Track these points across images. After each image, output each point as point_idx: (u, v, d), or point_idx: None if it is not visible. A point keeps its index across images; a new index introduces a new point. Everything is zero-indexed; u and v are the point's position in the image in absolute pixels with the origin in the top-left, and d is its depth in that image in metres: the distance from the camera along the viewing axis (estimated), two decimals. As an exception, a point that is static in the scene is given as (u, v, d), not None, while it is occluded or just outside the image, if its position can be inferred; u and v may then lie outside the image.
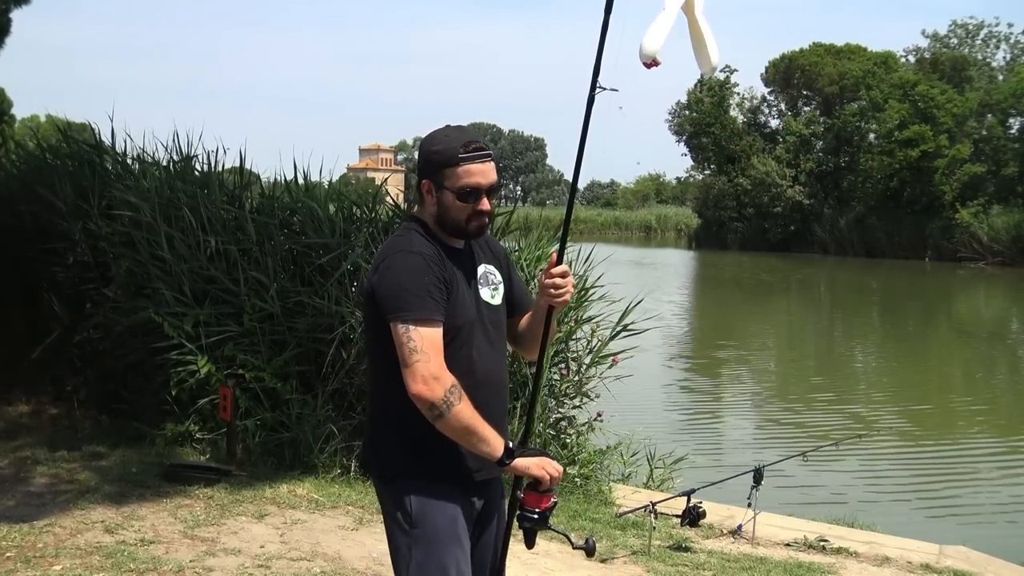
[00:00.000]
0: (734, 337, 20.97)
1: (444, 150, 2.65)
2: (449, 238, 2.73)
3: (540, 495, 2.72)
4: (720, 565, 5.49)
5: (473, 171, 2.64)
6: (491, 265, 2.84)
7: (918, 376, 16.66)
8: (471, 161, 2.64)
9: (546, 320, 2.83)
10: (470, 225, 2.69)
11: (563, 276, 2.76)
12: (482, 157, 2.65)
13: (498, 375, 2.79)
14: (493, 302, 2.80)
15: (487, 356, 2.73)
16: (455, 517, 2.69)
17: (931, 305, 29.90)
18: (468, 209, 2.66)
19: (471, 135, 2.69)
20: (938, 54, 53.28)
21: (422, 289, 2.58)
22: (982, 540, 6.90)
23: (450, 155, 2.64)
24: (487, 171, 2.67)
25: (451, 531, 2.67)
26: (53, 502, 5.70)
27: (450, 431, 2.58)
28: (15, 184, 8.78)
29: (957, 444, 11.60)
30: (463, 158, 2.63)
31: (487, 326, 2.75)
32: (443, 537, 2.66)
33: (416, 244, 2.68)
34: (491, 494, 2.85)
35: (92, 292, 7.77)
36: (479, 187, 2.65)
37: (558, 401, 7.09)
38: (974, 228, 45.11)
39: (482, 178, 2.65)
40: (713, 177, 58.81)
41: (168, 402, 6.97)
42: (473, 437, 2.58)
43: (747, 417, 12.84)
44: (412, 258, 2.63)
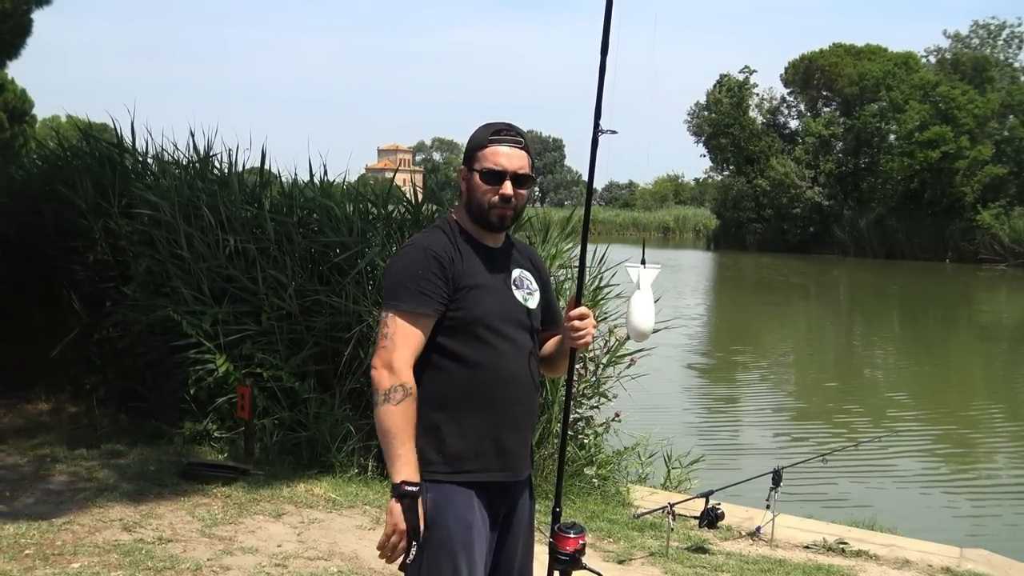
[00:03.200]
0: (752, 338, 20.89)
1: (479, 135, 2.71)
2: (482, 234, 2.73)
3: (566, 537, 2.74)
4: (738, 567, 5.45)
5: (499, 152, 2.66)
6: (527, 271, 2.82)
7: (938, 378, 16.54)
8: (499, 144, 2.66)
9: (570, 360, 2.85)
10: (492, 212, 2.67)
11: (581, 318, 2.73)
12: (511, 142, 2.67)
13: (526, 376, 2.73)
14: (529, 305, 2.77)
15: (514, 355, 2.69)
16: (470, 524, 2.62)
17: (951, 307, 29.70)
18: (491, 192, 2.66)
19: (509, 125, 2.71)
20: (959, 54, 52.96)
21: (412, 281, 2.59)
22: (1003, 543, 6.84)
23: (481, 138, 2.69)
24: (513, 156, 2.67)
25: (464, 538, 2.61)
26: (72, 500, 5.72)
27: (377, 424, 2.56)
28: (36, 183, 8.83)
29: (978, 446, 11.51)
30: (492, 140, 2.67)
31: (519, 326, 2.72)
32: (455, 544, 2.59)
33: (427, 238, 2.70)
34: (516, 497, 2.79)
35: (111, 290, 7.81)
36: (503, 169, 2.65)
37: (576, 402, 7.06)
38: (995, 230, 44.83)
39: (507, 161, 2.66)
40: (732, 178, 58.62)
41: (186, 401, 6.99)
42: (388, 445, 2.53)
43: (766, 418, 12.77)
44: (413, 251, 2.66)
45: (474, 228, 2.73)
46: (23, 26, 12.17)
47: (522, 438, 2.75)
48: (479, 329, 2.63)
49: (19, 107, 23.06)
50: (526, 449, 2.78)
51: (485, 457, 2.65)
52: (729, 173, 59.75)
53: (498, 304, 2.68)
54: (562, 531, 2.76)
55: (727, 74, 59.75)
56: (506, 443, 2.69)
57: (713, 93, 59.24)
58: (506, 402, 2.65)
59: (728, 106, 57.59)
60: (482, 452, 2.64)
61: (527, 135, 2.74)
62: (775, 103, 59.90)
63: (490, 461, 2.66)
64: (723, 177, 61.35)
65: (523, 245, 2.96)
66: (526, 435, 2.77)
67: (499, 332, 2.66)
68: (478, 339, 2.63)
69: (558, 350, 2.88)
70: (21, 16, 11.96)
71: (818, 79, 56.26)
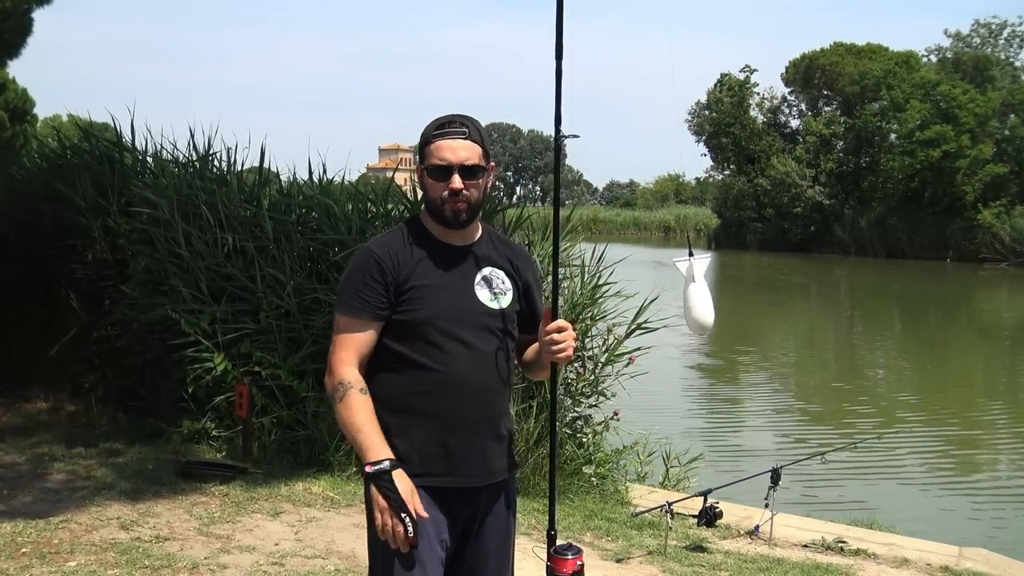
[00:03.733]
0: (753, 337, 20.88)
1: (425, 131, 2.67)
2: (446, 233, 2.69)
3: (563, 559, 2.68)
4: (737, 566, 5.44)
5: (443, 147, 2.62)
6: (499, 270, 2.74)
7: (939, 377, 16.53)
8: (441, 138, 2.62)
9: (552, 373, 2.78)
10: (445, 208, 2.63)
11: (560, 331, 2.63)
12: (455, 134, 2.62)
13: (483, 379, 2.64)
14: (492, 305, 2.68)
15: (469, 358, 2.61)
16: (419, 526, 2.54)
17: (952, 306, 29.68)
18: (441, 188, 2.62)
19: (453, 116, 2.67)
20: (960, 54, 52.89)
21: (353, 285, 2.62)
22: (1002, 542, 6.84)
23: (427, 134, 2.66)
24: (459, 148, 2.62)
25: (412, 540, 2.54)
26: (69, 498, 5.72)
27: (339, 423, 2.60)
28: (36, 182, 8.82)
29: (977, 445, 11.50)
30: (435, 135, 2.64)
31: (479, 328, 2.64)
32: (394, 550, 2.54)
33: (378, 241, 2.72)
34: (479, 505, 2.70)
35: (110, 289, 7.81)
36: (448, 164, 2.60)
37: (574, 400, 7.05)
38: (996, 229, 44.75)
39: (451, 154, 2.61)
40: (733, 177, 58.56)
41: (184, 399, 6.99)
42: (351, 439, 2.57)
43: (765, 417, 12.77)
44: (362, 255, 2.68)
45: (437, 227, 2.70)
46: (24, 25, 12.15)
47: (478, 444, 2.65)
48: (427, 331, 2.59)
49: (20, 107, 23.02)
50: (486, 455, 2.68)
51: (432, 462, 2.60)
52: (730, 172, 59.70)
53: (451, 305, 2.63)
54: (559, 553, 2.70)
55: (728, 73, 59.78)
56: (455, 448, 2.61)
57: (714, 92, 59.22)
58: (456, 406, 2.59)
59: (729, 105, 57.56)
60: (428, 457, 2.59)
61: (477, 124, 2.69)
62: (776, 102, 59.86)
63: (437, 466, 2.60)
64: (724, 176, 61.31)
65: (506, 244, 2.88)
66: (484, 441, 2.67)
67: (450, 334, 2.60)
68: (426, 341, 2.59)
69: (539, 357, 2.77)
70: (22, 15, 11.94)
71: (819, 78, 56.21)
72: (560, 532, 5.81)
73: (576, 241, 7.86)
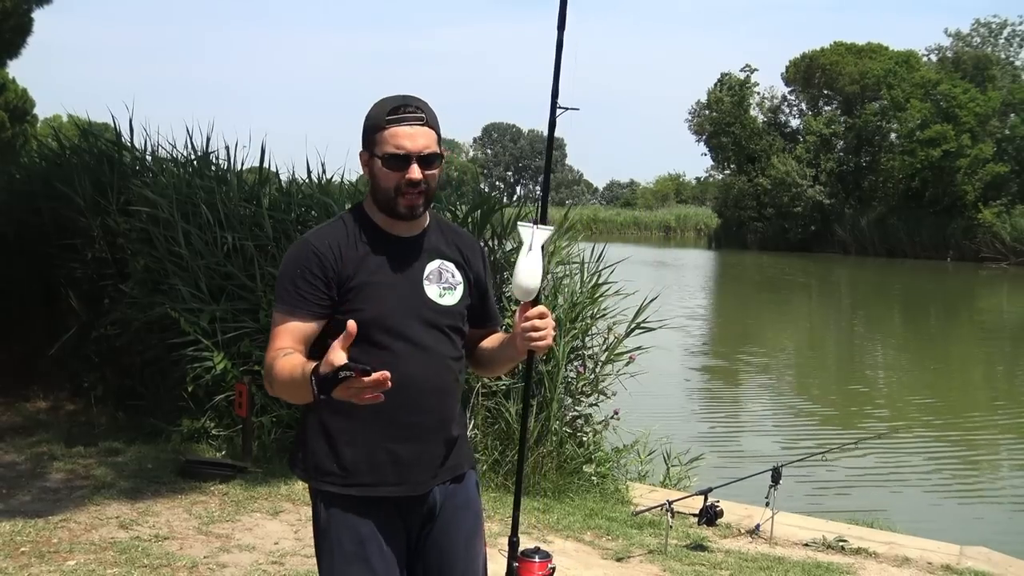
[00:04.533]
0: (753, 336, 20.87)
1: (375, 115, 2.45)
2: (392, 224, 2.51)
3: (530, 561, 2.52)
4: (737, 565, 5.44)
5: (400, 134, 2.41)
6: (449, 263, 2.57)
7: (939, 376, 16.52)
8: (396, 124, 2.41)
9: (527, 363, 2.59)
10: (399, 200, 2.44)
11: (541, 317, 2.46)
12: (411, 120, 2.42)
13: (432, 380, 2.48)
14: (442, 301, 2.51)
15: (417, 359, 2.44)
16: (364, 539, 2.44)
17: (953, 305, 29.69)
18: (396, 178, 2.42)
19: (406, 99, 2.45)
20: (960, 53, 52.93)
21: (291, 279, 2.44)
22: (1003, 541, 6.82)
23: (378, 119, 2.44)
24: (416, 136, 2.41)
25: (356, 552, 2.44)
26: (68, 497, 5.71)
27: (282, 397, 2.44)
28: (35, 182, 8.82)
29: (978, 444, 11.48)
30: (390, 120, 2.42)
31: (428, 326, 2.48)
32: (347, 556, 2.44)
33: (318, 232, 2.52)
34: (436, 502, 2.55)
35: (110, 288, 7.80)
36: (407, 152, 2.40)
37: (574, 399, 7.05)
38: (996, 228, 44.81)
39: (409, 142, 2.40)
40: (733, 177, 58.61)
41: (184, 398, 6.98)
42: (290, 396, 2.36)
43: (766, 416, 12.76)
44: (298, 247, 2.49)
45: (382, 217, 2.51)
46: (23, 25, 12.16)
47: (430, 449, 2.51)
48: (373, 331, 2.40)
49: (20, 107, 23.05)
50: (437, 459, 2.52)
51: (380, 470, 2.45)
52: (730, 172, 59.75)
53: (397, 302, 2.45)
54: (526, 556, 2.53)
55: (728, 73, 59.83)
56: (403, 455, 2.46)
57: (714, 92, 59.27)
58: (403, 411, 2.41)
59: (729, 105, 57.60)
60: (376, 464, 2.45)
61: (429, 107, 2.49)
62: (776, 102, 59.93)
63: (386, 474, 2.45)
64: (724, 176, 61.37)
65: (455, 231, 2.68)
66: (435, 445, 2.51)
67: (397, 333, 2.44)
68: (372, 342, 2.40)
69: (502, 351, 2.63)
70: (22, 16, 11.96)
71: (819, 78, 56.26)
72: (560, 531, 5.83)
73: (576, 240, 7.85)
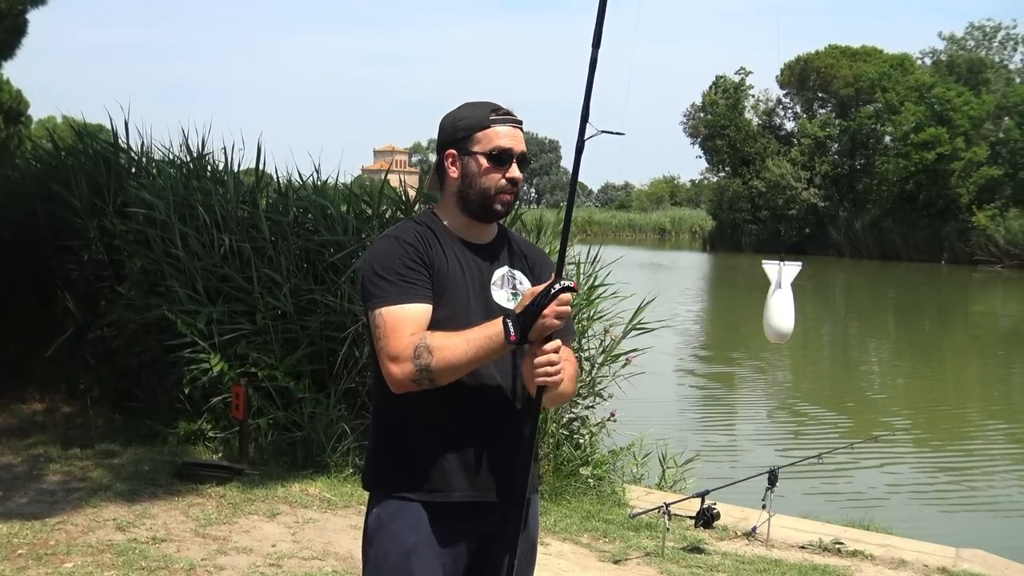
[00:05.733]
0: (748, 339, 20.85)
1: (473, 115, 2.44)
2: (468, 229, 2.46)
3: None
4: (734, 567, 5.44)
5: (503, 134, 2.41)
6: (518, 271, 2.49)
7: (934, 378, 16.56)
8: (501, 124, 2.42)
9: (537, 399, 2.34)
10: (498, 198, 2.41)
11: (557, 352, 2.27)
12: (513, 122, 2.45)
13: (505, 387, 2.39)
14: (511, 307, 2.40)
15: (494, 364, 2.36)
16: (410, 551, 2.35)
17: (947, 308, 29.74)
18: (498, 175, 2.40)
19: (498, 105, 2.48)
20: (955, 56, 53.03)
21: (391, 272, 2.33)
22: (999, 543, 6.83)
23: (480, 118, 2.42)
24: (517, 137, 2.44)
25: (400, 564, 2.36)
26: (65, 500, 5.70)
27: (452, 378, 2.28)
28: (31, 183, 8.80)
29: (973, 446, 11.51)
30: (495, 120, 2.42)
31: None
32: (390, 568, 2.37)
33: (398, 229, 2.45)
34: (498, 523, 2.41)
35: (106, 290, 7.79)
36: (511, 150, 2.41)
37: (571, 401, 7.05)
38: (991, 231, 44.95)
39: (513, 142, 2.42)
40: (728, 179, 58.73)
41: (181, 400, 6.97)
42: (478, 358, 2.26)
43: (762, 418, 12.78)
44: (386, 242, 2.41)
45: (460, 222, 2.46)
46: (18, 26, 12.13)
47: (499, 456, 2.39)
48: (445, 329, 2.32)
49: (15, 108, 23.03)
50: (508, 470, 2.40)
51: (451, 475, 2.37)
52: (725, 174, 59.87)
53: (469, 302, 2.39)
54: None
55: (723, 75, 59.94)
56: (475, 462, 2.37)
57: (709, 95, 59.37)
58: (475, 417, 2.36)
59: (724, 107, 57.72)
60: (447, 469, 2.36)
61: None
62: (771, 104, 60.06)
63: (456, 479, 2.36)
64: (719, 179, 61.46)
65: (525, 243, 2.63)
66: (506, 453, 2.39)
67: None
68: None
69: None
70: (16, 16, 11.93)
71: (814, 81, 56.40)
72: (557, 533, 5.84)
73: (572, 242, 7.85)
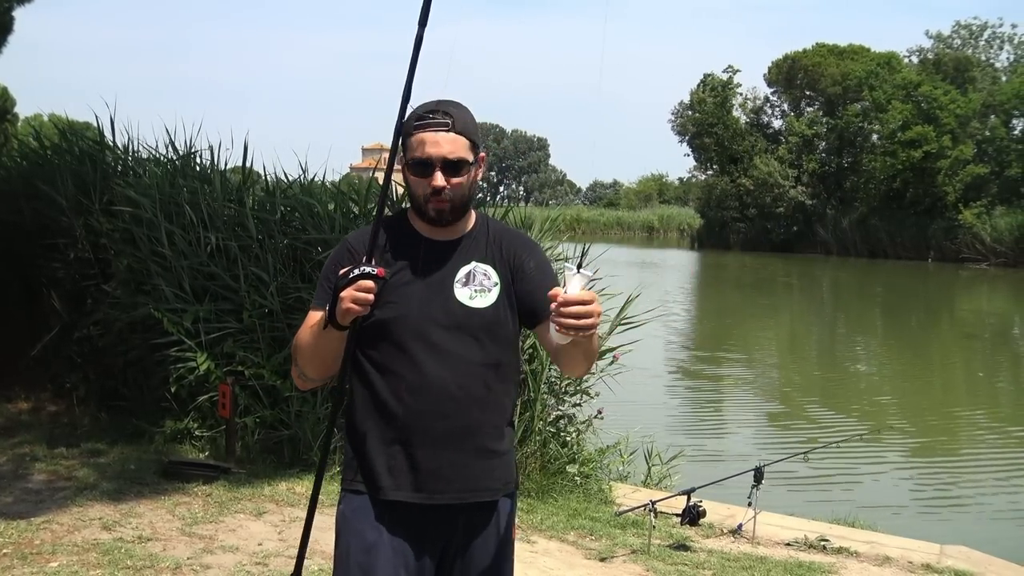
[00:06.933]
0: (736, 336, 20.94)
1: (409, 121, 2.40)
2: (430, 229, 2.46)
3: None
4: (720, 564, 5.46)
5: (424, 140, 2.35)
6: (485, 264, 2.46)
7: (920, 376, 16.63)
8: (422, 130, 2.36)
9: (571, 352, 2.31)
10: (428, 207, 2.40)
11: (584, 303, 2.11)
12: (436, 125, 2.35)
13: (455, 384, 2.38)
14: (473, 304, 2.40)
15: (440, 362, 2.36)
16: (370, 547, 2.36)
17: (934, 306, 29.86)
18: (422, 185, 2.38)
19: (437, 104, 2.39)
20: (941, 55, 53.19)
21: (324, 278, 2.47)
22: (983, 540, 6.87)
23: (408, 125, 2.40)
24: (441, 142, 2.35)
25: (362, 561, 2.36)
26: (51, 499, 5.68)
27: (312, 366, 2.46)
28: (17, 181, 8.76)
29: (959, 444, 11.58)
30: (415, 126, 2.37)
31: (454, 330, 2.39)
32: (352, 566, 2.38)
33: (358, 232, 2.55)
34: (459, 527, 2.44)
35: (92, 288, 7.77)
36: (428, 159, 2.35)
37: (558, 399, 7.06)
38: (977, 229, 45.10)
39: (433, 148, 2.34)
40: (716, 177, 58.81)
41: (167, 399, 6.96)
42: (314, 345, 2.40)
43: (748, 416, 12.81)
44: (339, 247, 2.51)
45: (421, 223, 2.48)
46: (4, 24, 12.05)
47: (450, 457, 2.39)
48: (396, 333, 2.38)
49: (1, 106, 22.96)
50: (462, 470, 2.40)
51: (398, 474, 2.37)
52: (713, 172, 59.95)
53: (421, 304, 2.39)
54: None
55: (711, 73, 60.02)
56: (421, 461, 2.36)
57: (697, 92, 59.44)
58: (424, 416, 2.34)
59: (712, 106, 57.78)
60: (394, 468, 2.37)
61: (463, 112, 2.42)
62: (759, 103, 60.13)
63: (403, 480, 2.37)
64: (707, 177, 61.54)
65: (503, 232, 2.56)
66: (459, 454, 2.39)
67: (421, 336, 2.38)
68: (395, 344, 2.38)
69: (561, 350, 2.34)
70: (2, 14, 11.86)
71: (801, 79, 56.49)
72: (544, 531, 5.85)
73: (560, 239, 7.86)
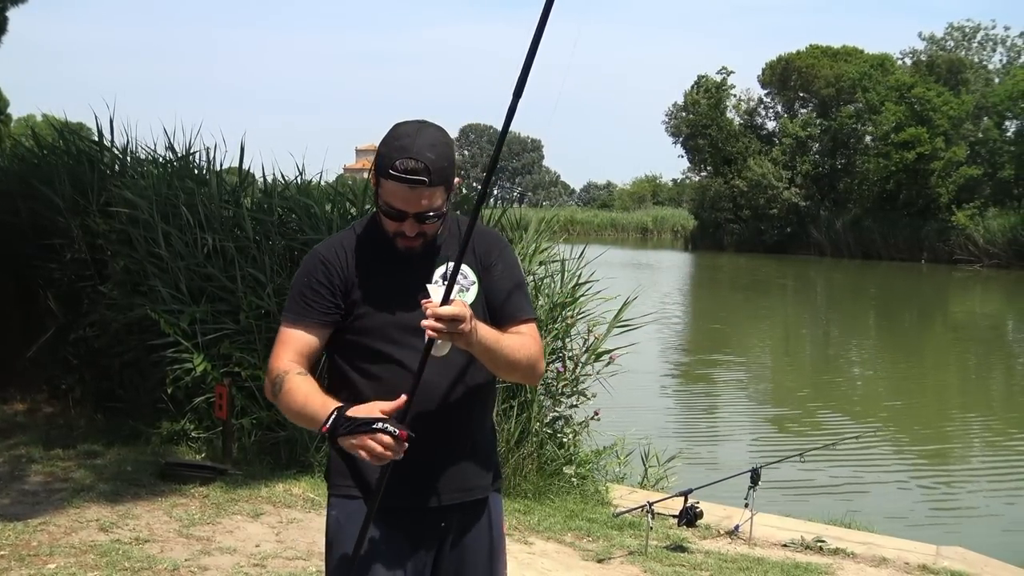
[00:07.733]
0: (731, 338, 20.97)
1: (387, 152, 2.34)
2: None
3: None
4: (717, 565, 5.47)
5: (397, 193, 2.33)
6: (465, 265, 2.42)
7: (914, 377, 16.66)
8: (399, 182, 2.31)
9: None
10: (398, 243, 2.42)
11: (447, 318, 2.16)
12: (412, 183, 2.30)
13: (445, 386, 2.41)
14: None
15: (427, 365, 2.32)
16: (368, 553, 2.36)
17: (927, 307, 29.92)
18: (393, 226, 2.39)
19: (417, 151, 2.30)
20: (934, 56, 53.29)
21: (298, 290, 2.46)
22: (979, 541, 6.90)
23: (385, 164, 2.34)
24: (412, 199, 2.32)
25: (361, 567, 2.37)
26: (48, 500, 5.67)
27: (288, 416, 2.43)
28: (13, 181, 8.74)
29: (953, 445, 11.60)
30: (392, 176, 2.31)
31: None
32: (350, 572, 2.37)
33: (328, 241, 2.54)
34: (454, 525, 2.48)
35: (88, 289, 7.75)
36: (402, 212, 2.35)
37: (554, 400, 7.07)
38: (970, 230, 45.14)
39: (404, 205, 2.34)
40: (710, 179, 58.81)
41: (164, 400, 6.95)
42: (303, 422, 2.36)
43: (744, 417, 12.82)
44: (309, 258, 2.50)
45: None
46: (-1, 24, 12.05)
47: (441, 459, 2.44)
48: (376, 340, 2.41)
49: (-5, 106, 22.93)
50: (453, 471, 2.45)
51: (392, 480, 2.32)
52: (707, 174, 59.94)
53: (403, 309, 2.39)
54: None
55: (705, 75, 60.05)
56: (415, 465, 2.33)
57: (691, 94, 59.46)
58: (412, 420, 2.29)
59: (706, 107, 57.79)
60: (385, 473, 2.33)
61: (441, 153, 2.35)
62: (752, 104, 60.14)
63: (397, 484, 2.32)
64: (701, 178, 61.55)
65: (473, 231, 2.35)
66: (449, 455, 2.44)
67: (403, 342, 2.39)
68: (375, 350, 2.41)
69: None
70: (-3, 14, 11.84)
71: (795, 80, 56.54)
72: (541, 533, 5.85)
73: (556, 241, 7.87)
